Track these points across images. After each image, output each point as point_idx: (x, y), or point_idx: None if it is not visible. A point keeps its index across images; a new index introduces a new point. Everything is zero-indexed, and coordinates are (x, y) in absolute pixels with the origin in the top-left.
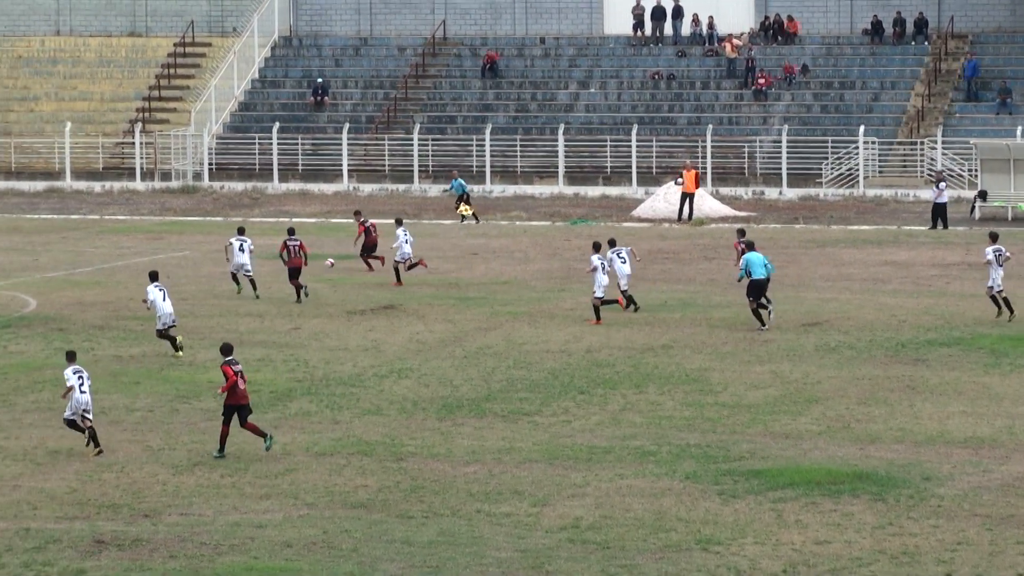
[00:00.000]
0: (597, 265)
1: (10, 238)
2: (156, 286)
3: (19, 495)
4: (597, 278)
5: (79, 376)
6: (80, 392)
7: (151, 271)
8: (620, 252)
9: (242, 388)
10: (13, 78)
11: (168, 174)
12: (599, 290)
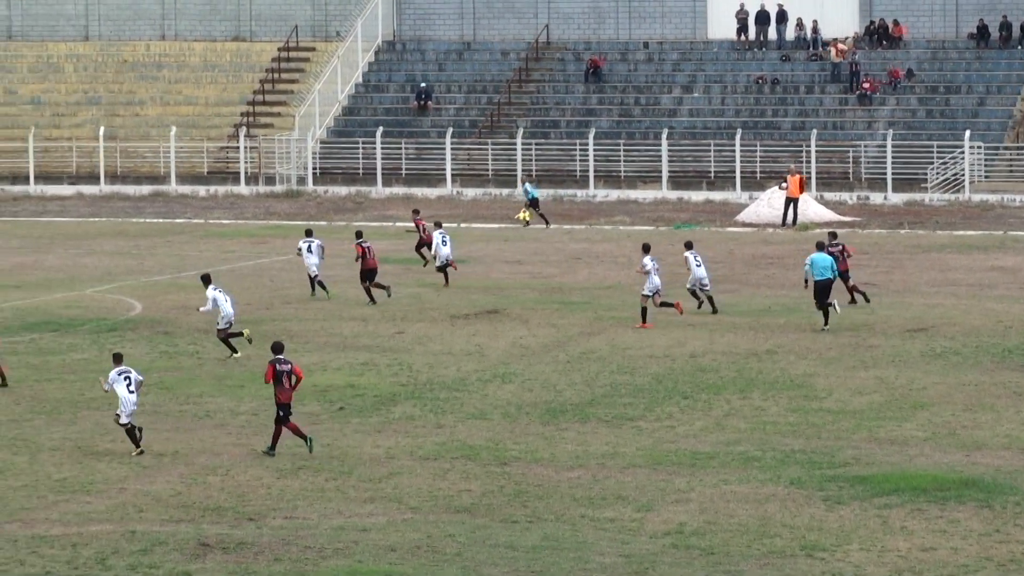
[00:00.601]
0: (650, 267)
1: (116, 242)
2: (214, 287)
3: (125, 498)
4: (650, 279)
5: (125, 377)
6: (128, 392)
7: (203, 274)
8: (696, 256)
9: (287, 388)
10: (119, 82)
11: (272, 178)
12: (648, 290)
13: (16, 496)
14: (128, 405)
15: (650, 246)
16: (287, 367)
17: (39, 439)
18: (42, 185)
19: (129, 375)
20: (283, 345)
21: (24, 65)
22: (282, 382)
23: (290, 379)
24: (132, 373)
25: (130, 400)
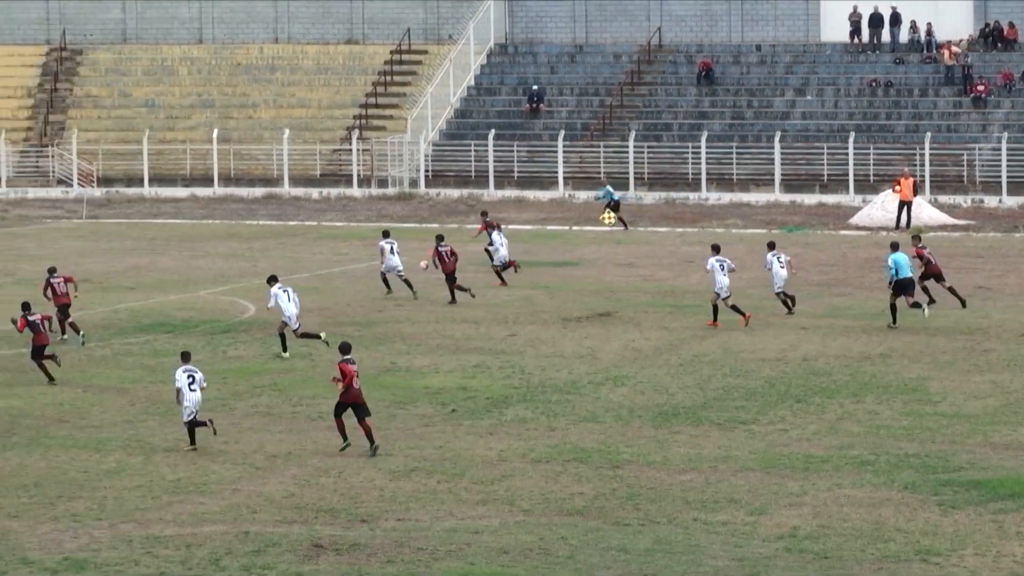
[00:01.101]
0: (715, 267)
1: (229, 244)
2: (280, 287)
3: (239, 499)
4: (716, 279)
5: (190, 376)
6: (190, 391)
7: (270, 276)
8: (780, 256)
9: (356, 388)
10: (232, 85)
11: (385, 181)
12: (722, 291)
13: (131, 496)
14: (191, 404)
15: (719, 247)
16: (354, 367)
17: (154, 440)
18: (156, 187)
19: (194, 374)
20: (350, 345)
21: (139, 68)
22: (352, 382)
23: (357, 377)
24: (197, 373)
25: (193, 399)
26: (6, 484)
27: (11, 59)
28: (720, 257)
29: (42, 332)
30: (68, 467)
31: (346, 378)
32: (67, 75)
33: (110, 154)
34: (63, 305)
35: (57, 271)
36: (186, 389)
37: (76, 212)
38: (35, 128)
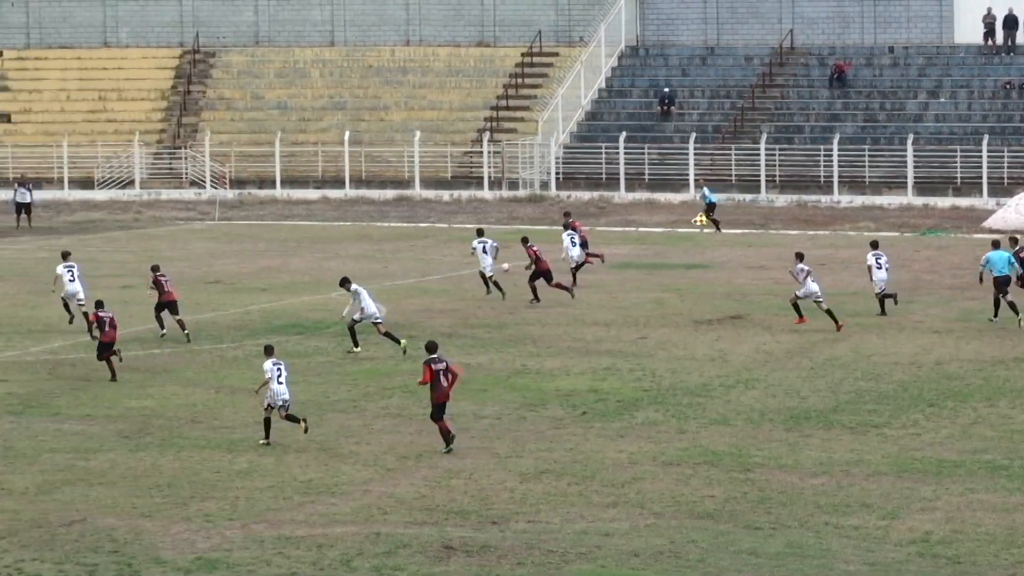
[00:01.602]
0: (802, 272)
1: (360, 245)
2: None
3: (369, 500)
4: (808, 285)
5: (277, 368)
6: (277, 384)
7: (342, 278)
8: (880, 257)
9: (444, 387)
10: (364, 87)
11: (515, 183)
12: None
13: (263, 497)
14: (278, 397)
15: (803, 254)
16: (442, 366)
17: (285, 441)
18: (288, 189)
19: (280, 367)
20: (437, 344)
21: (271, 70)
22: (439, 381)
23: (447, 377)
24: (283, 365)
25: (280, 392)
26: (140, 484)
27: (145, 62)
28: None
29: (110, 330)
30: (201, 467)
31: (425, 378)
32: (200, 77)
33: (242, 156)
34: (171, 302)
35: (161, 268)
36: (274, 381)
37: (208, 214)
38: (168, 130)
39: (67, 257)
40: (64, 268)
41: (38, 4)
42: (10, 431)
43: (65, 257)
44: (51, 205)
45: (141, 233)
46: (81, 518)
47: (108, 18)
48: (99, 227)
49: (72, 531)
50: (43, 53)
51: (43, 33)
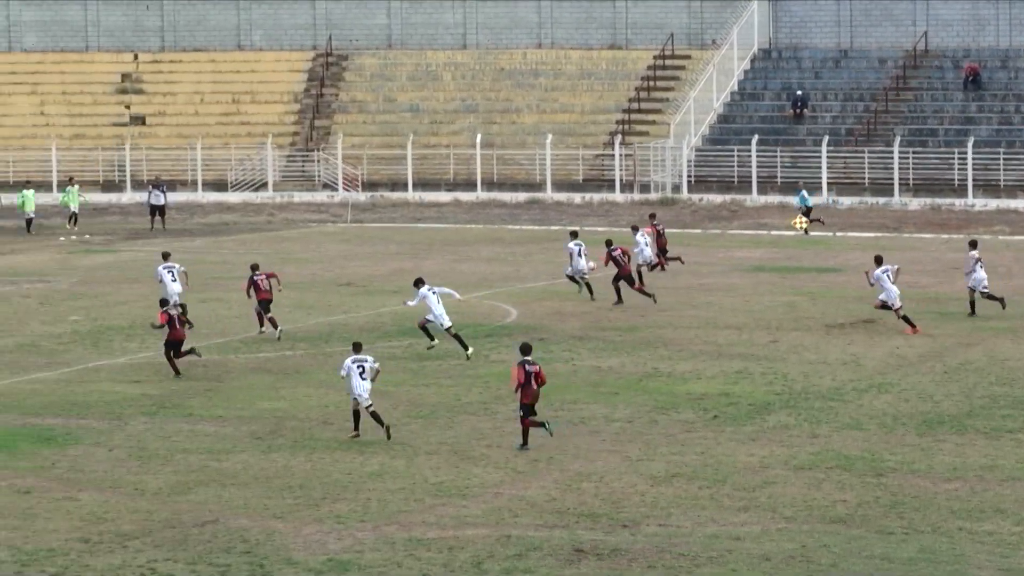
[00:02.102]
0: (881, 277)
1: (492, 248)
2: (428, 288)
3: (500, 502)
4: (886, 289)
5: (358, 365)
6: (359, 380)
7: (417, 278)
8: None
9: (533, 388)
10: (496, 90)
11: (647, 186)
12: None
13: (394, 499)
14: (357, 391)
15: (882, 258)
16: (534, 368)
17: (416, 443)
18: (420, 192)
19: (364, 363)
20: (531, 346)
21: (403, 73)
22: (530, 383)
23: (536, 380)
24: (367, 362)
25: (362, 387)
26: (272, 485)
27: (279, 64)
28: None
29: (178, 328)
30: (332, 469)
31: (516, 380)
32: (333, 80)
33: (374, 159)
34: (265, 300)
35: (260, 268)
36: (356, 378)
37: (341, 216)
38: (301, 133)
39: (167, 258)
40: (164, 268)
41: (173, 7)
42: (144, 432)
43: (165, 258)
44: (185, 207)
45: (273, 235)
46: (213, 519)
47: (242, 21)
48: (232, 229)
49: (205, 531)
50: (177, 56)
51: (177, 36)
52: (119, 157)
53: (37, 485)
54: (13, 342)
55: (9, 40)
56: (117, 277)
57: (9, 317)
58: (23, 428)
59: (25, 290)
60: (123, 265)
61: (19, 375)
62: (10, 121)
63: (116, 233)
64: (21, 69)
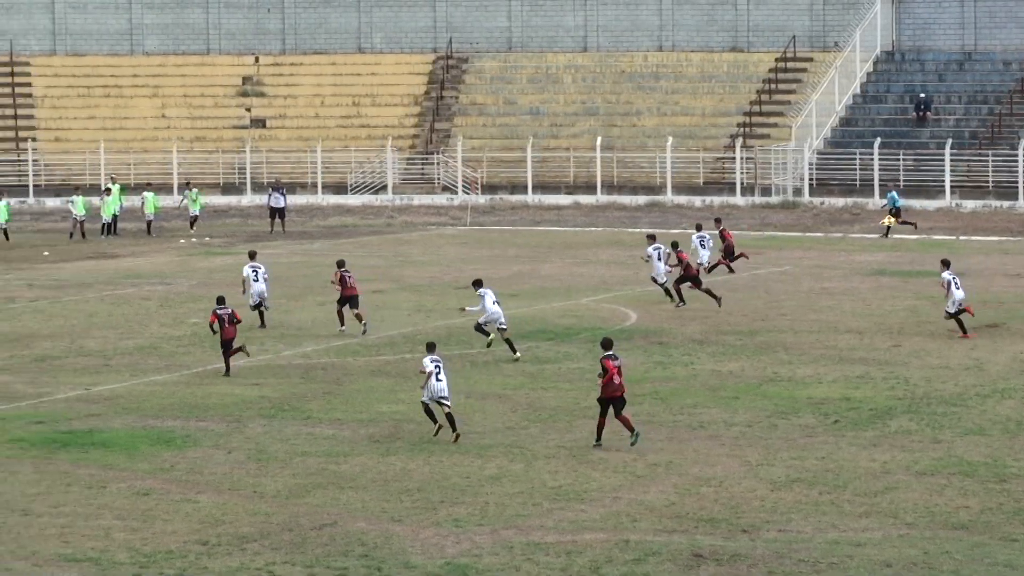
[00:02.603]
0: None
1: (611, 251)
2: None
3: (619, 507)
4: (953, 294)
5: (436, 364)
6: (436, 380)
7: (475, 279)
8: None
9: (618, 382)
10: (616, 93)
11: (768, 189)
12: (952, 306)
13: (512, 503)
14: (436, 391)
15: (949, 262)
16: (619, 362)
17: (535, 447)
18: (540, 195)
19: (440, 363)
20: (612, 341)
21: (524, 76)
22: (614, 377)
23: (620, 373)
24: (441, 362)
25: (439, 387)
26: (390, 488)
27: (399, 67)
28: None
29: (229, 326)
30: (451, 472)
31: (609, 374)
32: (453, 83)
33: (494, 161)
34: (352, 296)
35: (346, 263)
36: (434, 377)
37: (460, 219)
38: (421, 136)
39: (253, 257)
40: (250, 268)
41: (294, 10)
42: (263, 434)
43: (252, 257)
44: (305, 210)
45: (394, 238)
46: (332, 522)
47: (363, 24)
48: (352, 232)
49: (323, 534)
50: (298, 59)
51: (298, 39)
52: (239, 160)
53: (156, 487)
54: (133, 344)
55: (131, 43)
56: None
57: (129, 319)
58: (142, 430)
59: (145, 292)
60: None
61: (139, 377)
62: (132, 124)
63: (236, 235)
64: (143, 72)
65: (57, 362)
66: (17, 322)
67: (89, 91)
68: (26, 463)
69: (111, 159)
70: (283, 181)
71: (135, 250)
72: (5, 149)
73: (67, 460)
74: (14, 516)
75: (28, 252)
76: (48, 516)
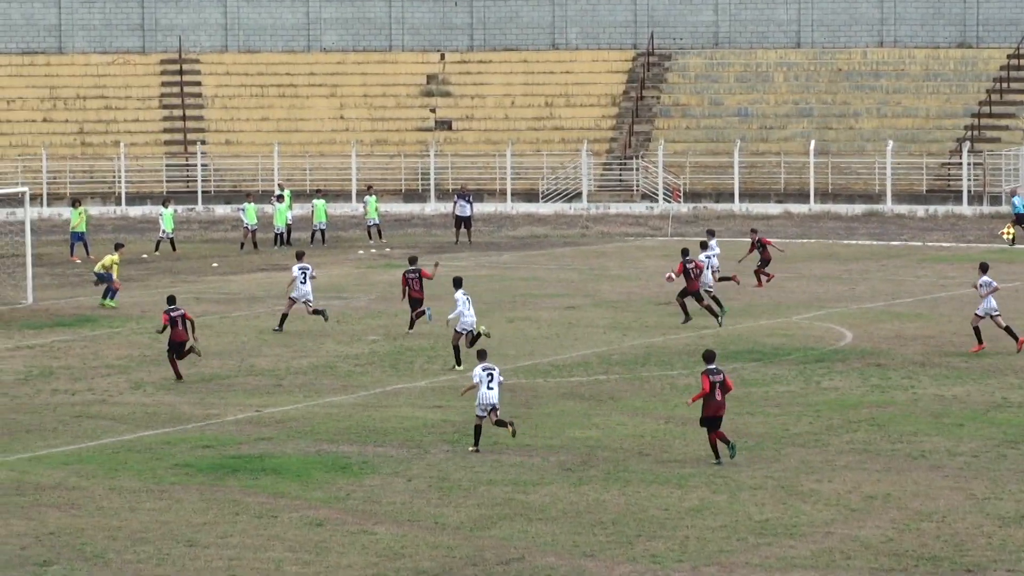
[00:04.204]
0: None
1: (825, 265)
2: (462, 292)
3: (831, 543)
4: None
5: (488, 373)
6: (487, 389)
7: (455, 277)
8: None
9: (719, 399)
10: (832, 93)
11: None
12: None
13: (715, 537)
14: (486, 401)
15: (987, 266)
16: (719, 377)
17: (739, 477)
18: (747, 203)
19: (492, 372)
20: (715, 354)
21: (731, 74)
22: (714, 394)
23: (722, 389)
24: (496, 371)
25: (489, 397)
26: (582, 520)
27: (596, 65)
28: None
29: (179, 328)
30: (648, 504)
31: (706, 389)
32: (654, 82)
33: (698, 167)
34: (416, 299)
35: (416, 260)
36: (484, 386)
37: (660, 229)
38: (619, 139)
39: (301, 258)
40: (299, 269)
41: (483, 3)
42: (445, 461)
43: (300, 258)
44: (492, 219)
45: (588, 250)
46: (519, 556)
47: (557, 18)
48: (543, 243)
49: (510, 569)
50: (487, 55)
51: (487, 34)
52: (422, 164)
53: (331, 517)
54: (308, 363)
55: (308, 39)
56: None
57: (303, 336)
58: (317, 455)
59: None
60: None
61: (313, 398)
62: (308, 126)
63: (418, 246)
64: (320, 70)
65: (226, 382)
66: None
67: (262, 91)
68: (192, 490)
69: (285, 164)
70: (469, 188)
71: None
72: (173, 153)
73: (236, 487)
74: (179, 547)
75: (196, 263)
76: (215, 547)
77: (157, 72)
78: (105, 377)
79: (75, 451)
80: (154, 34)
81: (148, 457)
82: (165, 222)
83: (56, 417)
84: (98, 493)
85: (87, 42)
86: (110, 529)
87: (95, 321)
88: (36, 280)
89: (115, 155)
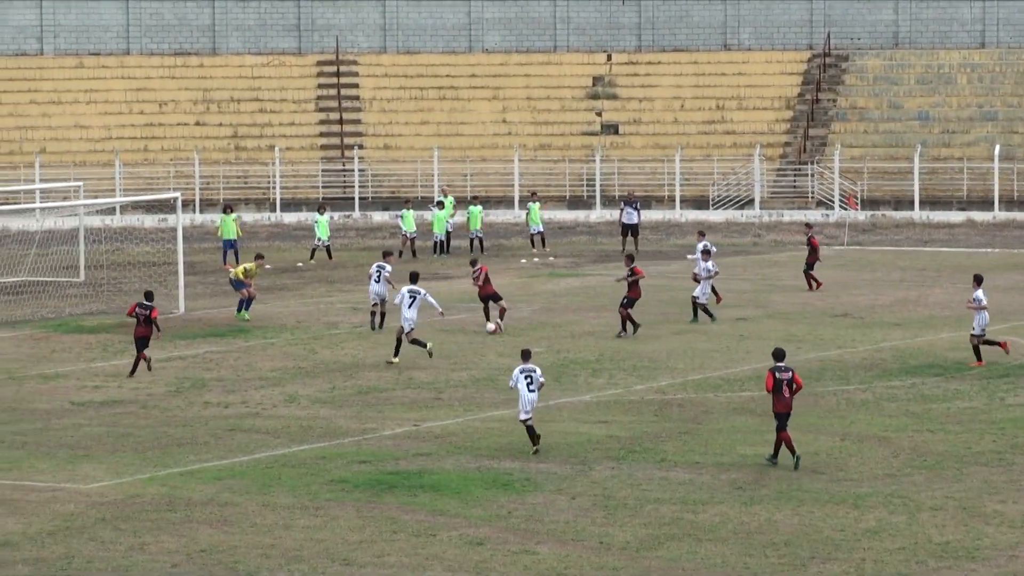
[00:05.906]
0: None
1: (1010, 276)
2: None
3: (1016, 567)
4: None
5: (527, 376)
6: (529, 391)
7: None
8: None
9: (787, 397)
10: (1018, 95)
11: None
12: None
13: (893, 560)
14: (528, 404)
15: (982, 277)
16: (787, 375)
17: (919, 497)
18: (928, 211)
19: (532, 374)
20: (784, 352)
21: (912, 76)
22: (781, 391)
23: (790, 387)
24: (536, 373)
25: (530, 399)
26: (753, 541)
27: (769, 66)
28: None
29: (142, 325)
30: (823, 524)
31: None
32: (831, 84)
33: (876, 173)
34: (489, 295)
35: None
36: (524, 390)
37: (836, 238)
38: (794, 143)
39: (386, 256)
40: (375, 268)
41: (652, 2)
42: (611, 478)
43: (384, 256)
44: (661, 226)
45: (760, 259)
46: None
47: (729, 18)
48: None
49: None
50: (656, 56)
51: (656, 34)
52: (588, 170)
53: (491, 536)
54: (468, 375)
55: (470, 40)
56: (583, 304)
57: (464, 348)
58: (477, 472)
59: (480, 318)
60: (590, 291)
61: (473, 412)
62: (469, 130)
63: (583, 255)
64: (482, 72)
65: (384, 395)
66: (340, 350)
67: (422, 93)
68: (348, 507)
69: (445, 169)
70: (636, 194)
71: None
72: (329, 158)
73: (393, 504)
74: (334, 566)
75: (352, 272)
76: (371, 567)
77: (313, 74)
78: (259, 389)
79: (227, 466)
80: (310, 34)
81: (303, 472)
82: (320, 229)
83: (208, 430)
84: (251, 509)
85: (241, 43)
86: (263, 547)
87: (248, 332)
88: (188, 289)
89: (270, 160)
